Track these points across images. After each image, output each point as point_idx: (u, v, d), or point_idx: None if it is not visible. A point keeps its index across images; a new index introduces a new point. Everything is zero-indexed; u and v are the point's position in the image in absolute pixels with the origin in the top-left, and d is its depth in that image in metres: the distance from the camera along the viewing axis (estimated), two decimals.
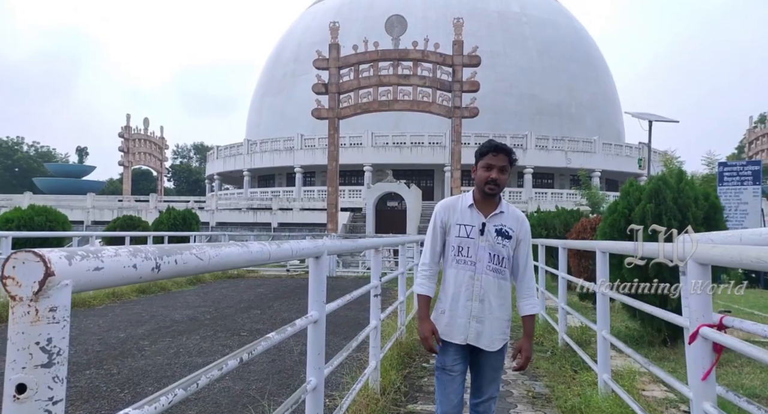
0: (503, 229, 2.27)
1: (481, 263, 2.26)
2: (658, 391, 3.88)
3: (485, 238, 2.27)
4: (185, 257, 1.21)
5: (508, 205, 2.35)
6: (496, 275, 2.27)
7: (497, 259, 2.26)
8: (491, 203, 2.30)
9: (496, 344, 2.30)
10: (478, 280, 2.26)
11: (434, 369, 2.41)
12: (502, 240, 2.26)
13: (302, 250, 2.15)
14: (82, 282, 0.89)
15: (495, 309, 2.27)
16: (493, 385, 2.36)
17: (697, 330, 2.12)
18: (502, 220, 2.29)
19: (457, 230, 2.30)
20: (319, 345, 2.40)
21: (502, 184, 2.26)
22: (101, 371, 4.36)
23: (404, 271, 5.29)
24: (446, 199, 2.43)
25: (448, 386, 2.28)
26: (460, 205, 2.33)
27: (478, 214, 2.29)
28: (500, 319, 2.30)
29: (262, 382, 4.21)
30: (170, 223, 14.56)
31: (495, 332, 2.29)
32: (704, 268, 2.12)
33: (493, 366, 2.33)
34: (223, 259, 1.40)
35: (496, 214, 2.29)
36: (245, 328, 6.47)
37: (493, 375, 2.35)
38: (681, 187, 4.72)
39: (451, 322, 2.29)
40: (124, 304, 8.48)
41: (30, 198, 28.54)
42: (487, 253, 2.26)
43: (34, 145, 74.05)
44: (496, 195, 2.29)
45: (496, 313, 2.28)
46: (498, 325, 2.29)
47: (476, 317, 2.26)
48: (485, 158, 2.26)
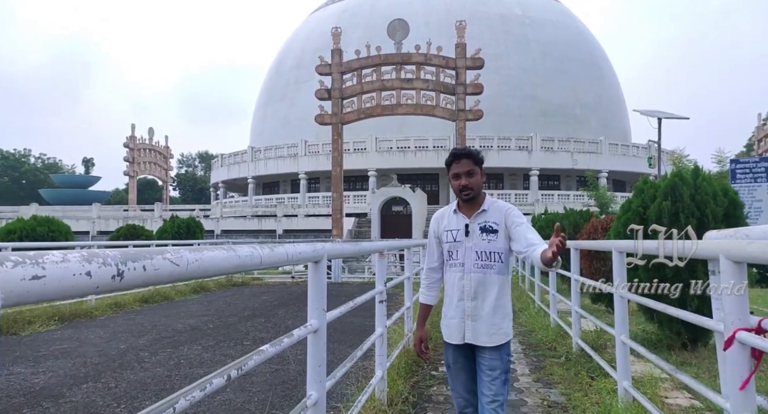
0: (487, 225, 2.33)
1: (468, 263, 2.34)
2: (682, 398, 3.67)
3: (470, 239, 2.35)
4: (156, 263, 1.04)
5: (494, 202, 2.40)
6: (485, 270, 2.32)
7: (485, 255, 2.33)
8: (473, 205, 2.38)
9: (494, 339, 2.31)
10: (467, 280, 2.34)
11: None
12: (487, 235, 2.33)
13: (299, 255, 1.98)
14: (15, 294, 0.73)
15: (488, 304, 2.32)
16: (496, 385, 2.28)
17: (734, 334, 1.93)
18: (485, 218, 2.35)
19: (445, 236, 2.42)
20: (320, 356, 2.23)
21: (475, 187, 2.33)
22: (99, 385, 4.20)
23: (410, 275, 5.11)
24: (438, 210, 2.54)
25: (455, 381, 2.43)
26: (448, 213, 2.45)
27: (463, 217, 2.39)
28: (496, 314, 2.32)
29: (264, 393, 4.04)
30: (174, 232, 14.46)
31: (491, 328, 2.31)
32: (739, 266, 1.92)
33: (491, 364, 2.30)
34: (204, 265, 1.23)
35: (479, 213, 2.36)
36: (248, 336, 6.30)
37: (493, 373, 2.30)
38: (698, 183, 4.52)
39: (448, 323, 2.41)
40: (126, 313, 8.34)
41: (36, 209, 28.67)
42: (474, 252, 2.34)
43: (40, 157, 74.72)
44: (474, 199, 2.36)
45: (491, 308, 2.32)
46: (494, 321, 2.32)
47: (470, 316, 2.33)
48: (451, 169, 2.36)
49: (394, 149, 35.72)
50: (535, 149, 35.03)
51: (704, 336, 5.04)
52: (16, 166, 68.64)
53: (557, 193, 34.82)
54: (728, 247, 1.94)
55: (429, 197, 30.50)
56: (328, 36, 26.50)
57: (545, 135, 35.90)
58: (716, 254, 2.04)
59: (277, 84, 45.53)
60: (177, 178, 73.40)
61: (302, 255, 2.01)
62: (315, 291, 2.31)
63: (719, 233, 2.48)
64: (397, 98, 24.57)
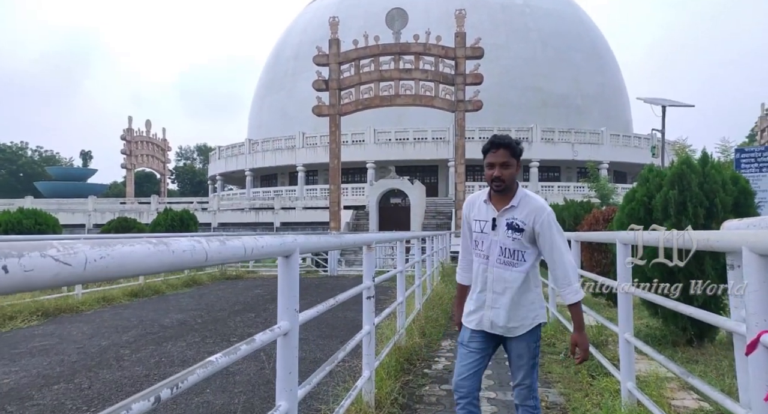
0: (514, 223, 2.28)
1: (492, 256, 2.32)
2: (689, 399, 3.44)
3: (496, 233, 2.31)
4: (30, 262, 0.79)
5: (525, 198, 2.31)
6: (508, 267, 2.30)
7: (509, 252, 2.30)
8: (504, 198, 2.32)
9: (516, 331, 2.33)
10: (490, 273, 2.33)
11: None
12: (512, 233, 2.28)
13: (262, 249, 1.71)
14: None
15: (508, 299, 2.30)
16: (522, 372, 2.35)
17: (758, 338, 1.68)
18: (513, 214, 2.29)
19: (474, 225, 2.39)
20: (291, 362, 1.99)
21: (507, 179, 2.26)
22: (71, 385, 3.98)
23: (403, 269, 4.87)
24: (471, 195, 2.49)
25: (463, 359, 2.39)
26: (479, 201, 2.40)
27: (492, 209, 2.34)
28: (518, 308, 2.31)
29: (246, 394, 3.82)
30: (168, 225, 14.22)
31: (512, 321, 2.31)
32: (765, 259, 1.68)
33: (518, 353, 2.35)
34: (114, 262, 0.98)
35: (508, 208, 2.30)
36: (236, 333, 6.08)
37: (519, 362, 2.36)
38: (707, 171, 4.26)
39: (469, 309, 2.43)
40: (114, 308, 8.12)
41: (31, 202, 28.40)
42: (498, 247, 2.31)
43: (38, 149, 74.29)
44: (504, 190, 2.29)
45: (512, 303, 2.30)
46: (516, 313, 2.31)
47: (490, 307, 2.34)
48: (486, 157, 2.30)
49: (393, 141, 35.37)
50: (535, 140, 34.68)
51: (710, 332, 4.81)
52: (13, 159, 68.27)
53: (557, 185, 34.52)
54: (753, 239, 1.68)
55: (428, 189, 30.22)
56: (326, 26, 26.07)
57: (546, 126, 35.53)
58: (737, 246, 1.79)
59: (274, 75, 45.06)
60: (175, 170, 73.05)
61: (266, 249, 1.74)
62: (286, 289, 2.06)
63: (741, 222, 2.22)
64: (396, 89, 24.21)
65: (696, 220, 4.21)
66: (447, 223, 25.02)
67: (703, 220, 4.22)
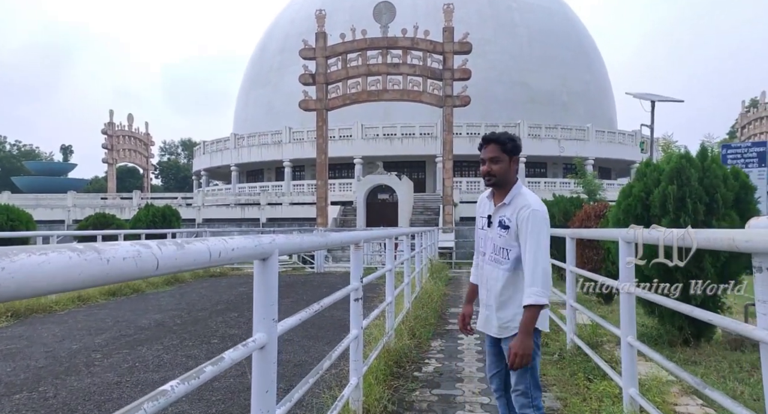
0: (503, 220, 2.30)
1: (487, 253, 2.37)
2: (693, 405, 3.28)
3: (491, 230, 2.34)
4: None
5: (518, 195, 2.30)
6: (497, 265, 2.33)
7: (498, 249, 2.32)
8: (501, 194, 2.33)
9: (501, 332, 2.33)
10: (484, 270, 2.39)
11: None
12: (501, 230, 2.30)
13: (234, 251, 1.46)
14: None
15: (495, 298, 2.32)
16: (515, 377, 2.30)
17: None
18: (504, 211, 2.31)
19: (478, 222, 2.46)
20: (268, 379, 1.76)
21: (498, 175, 2.27)
22: (34, 394, 3.69)
23: (392, 267, 4.65)
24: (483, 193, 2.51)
25: (488, 359, 2.50)
26: (485, 198, 2.44)
27: (491, 206, 2.37)
28: (503, 309, 2.30)
29: (225, 403, 3.57)
30: (149, 221, 13.80)
31: (501, 320, 2.31)
32: None
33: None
34: (12, 280, 0.73)
35: (501, 205, 2.32)
36: (217, 334, 5.81)
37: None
38: (707, 165, 4.11)
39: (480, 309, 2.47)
40: (90, 308, 7.78)
41: (8, 197, 27.56)
42: (492, 244, 2.34)
43: (16, 143, 72.44)
44: (498, 186, 2.31)
45: (498, 303, 2.31)
46: (502, 314, 2.31)
47: (485, 305, 2.39)
48: (481, 154, 2.33)
49: (381, 136, 35.08)
50: (522, 136, 34.51)
51: (708, 331, 4.69)
52: None
53: (544, 181, 34.61)
54: None
55: (416, 185, 30.04)
56: (312, 19, 25.62)
57: (532, 122, 35.57)
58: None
59: (260, 69, 44.38)
60: (159, 166, 71.84)
61: (237, 252, 1.49)
62: (263, 296, 1.84)
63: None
64: (384, 83, 23.93)
65: (696, 216, 4.06)
66: (435, 219, 24.89)
67: (703, 217, 4.07)
